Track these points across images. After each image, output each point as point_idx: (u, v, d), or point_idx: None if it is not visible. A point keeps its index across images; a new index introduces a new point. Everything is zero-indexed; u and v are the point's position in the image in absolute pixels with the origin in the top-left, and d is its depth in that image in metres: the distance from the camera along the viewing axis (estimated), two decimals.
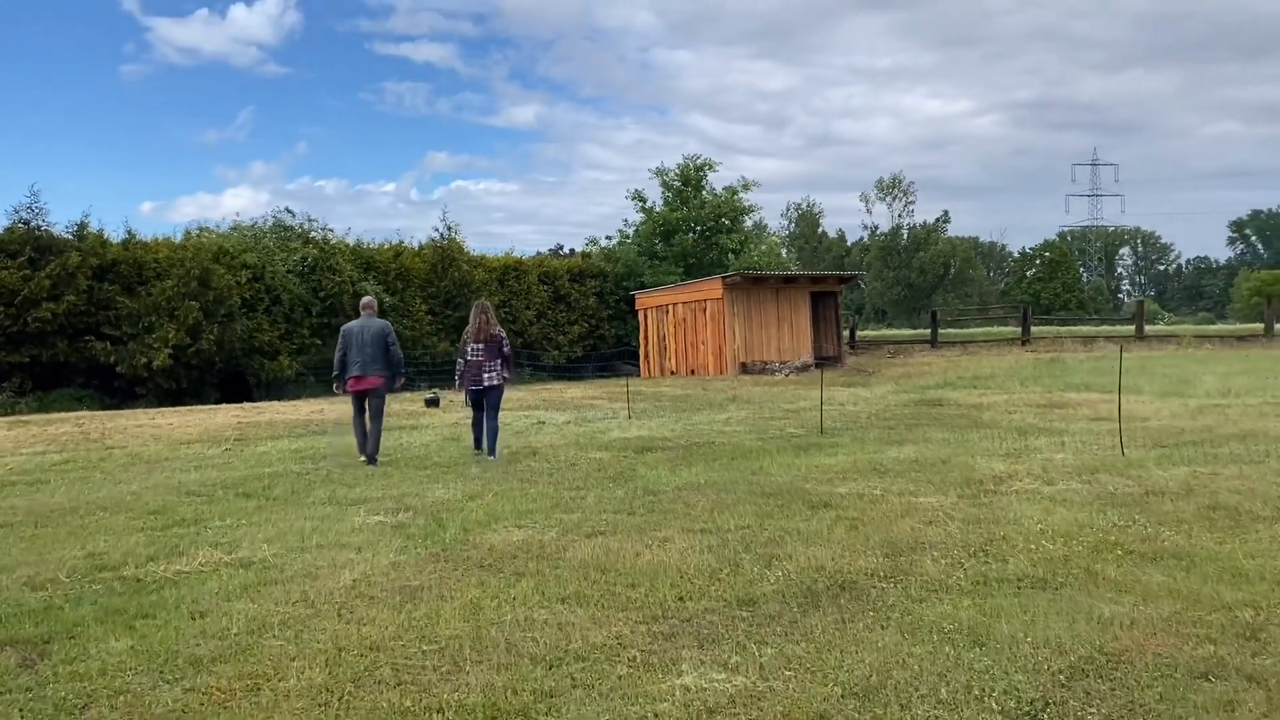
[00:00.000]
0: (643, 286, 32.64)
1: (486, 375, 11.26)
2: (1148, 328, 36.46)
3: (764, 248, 36.44)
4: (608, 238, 38.48)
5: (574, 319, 34.60)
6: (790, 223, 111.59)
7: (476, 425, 11.71)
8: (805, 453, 11.04)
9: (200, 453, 12.35)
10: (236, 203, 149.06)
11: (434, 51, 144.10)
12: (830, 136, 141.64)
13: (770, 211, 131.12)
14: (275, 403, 20.75)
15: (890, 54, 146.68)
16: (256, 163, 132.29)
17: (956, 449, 11.03)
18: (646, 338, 29.82)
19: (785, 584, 5.63)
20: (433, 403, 18.43)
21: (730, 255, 34.66)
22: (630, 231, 37.33)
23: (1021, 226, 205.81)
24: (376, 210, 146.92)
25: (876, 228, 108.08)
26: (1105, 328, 39.36)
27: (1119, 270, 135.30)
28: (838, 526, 7.07)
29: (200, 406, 20.24)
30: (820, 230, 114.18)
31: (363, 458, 10.91)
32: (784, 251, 41.16)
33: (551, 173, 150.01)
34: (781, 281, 27.39)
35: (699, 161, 36.25)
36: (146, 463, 11.48)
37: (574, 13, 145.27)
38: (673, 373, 28.19)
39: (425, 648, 4.70)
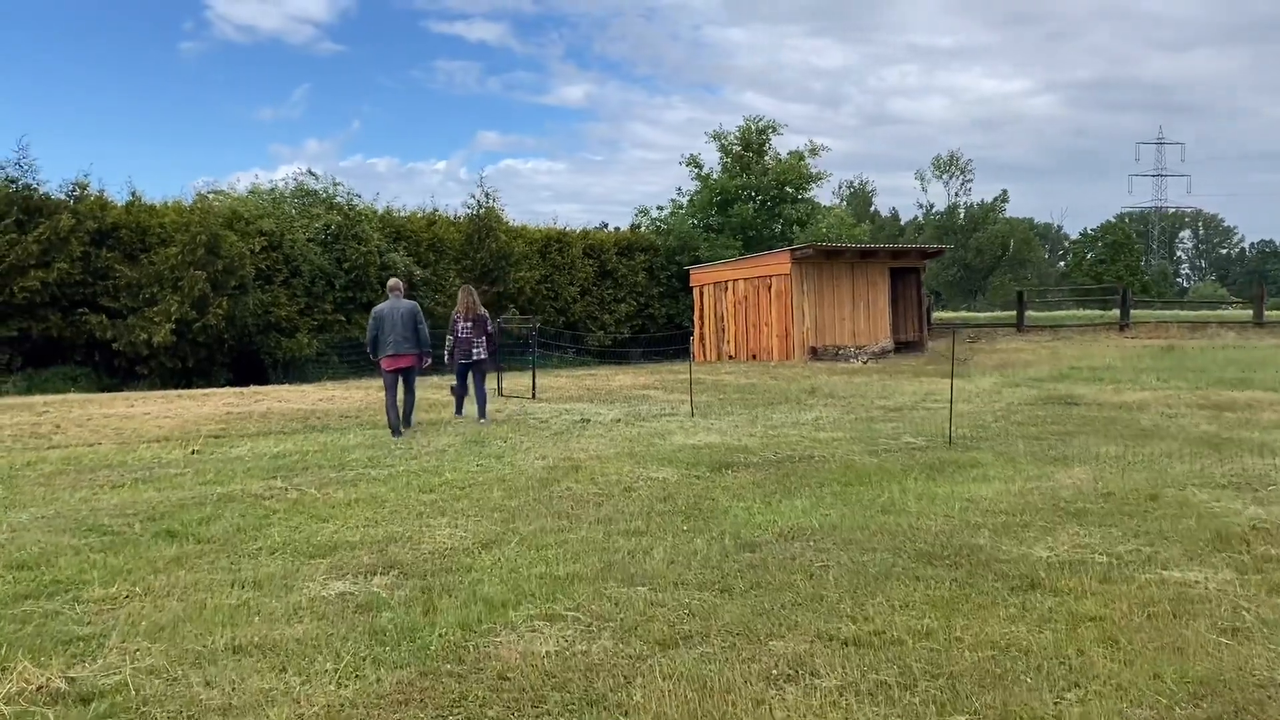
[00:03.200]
0: (697, 261, 29.73)
1: (476, 350, 12.35)
2: (1231, 311, 33.00)
3: (832, 218, 33.13)
4: (659, 208, 35.36)
5: (621, 296, 31.69)
6: (842, 201, 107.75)
7: (460, 395, 12.75)
8: (942, 475, 8.19)
9: (156, 457, 9.75)
10: None
11: (488, 30, 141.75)
12: (885, 115, 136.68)
13: (823, 189, 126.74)
14: (282, 387, 18.21)
15: (951, 32, 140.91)
16: (311, 140, 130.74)
17: (1150, 472, 8.11)
18: (702, 317, 26.94)
19: None
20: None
21: (795, 227, 31.46)
22: (684, 201, 34.22)
23: (1076, 209, 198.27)
24: (426, 189, 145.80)
25: (932, 206, 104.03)
26: (1206, 312, 35.76)
27: (1178, 254, 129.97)
28: (1085, 638, 4.22)
29: (198, 391, 17.76)
30: (873, 209, 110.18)
31: (396, 439, 10.75)
32: (855, 224, 37.60)
33: (600, 151, 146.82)
34: (857, 256, 24.30)
35: (761, 124, 32.89)
36: (79, 471, 8.90)
37: None
38: (731, 357, 25.32)
39: None
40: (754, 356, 24.52)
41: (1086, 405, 13.07)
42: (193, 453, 10.01)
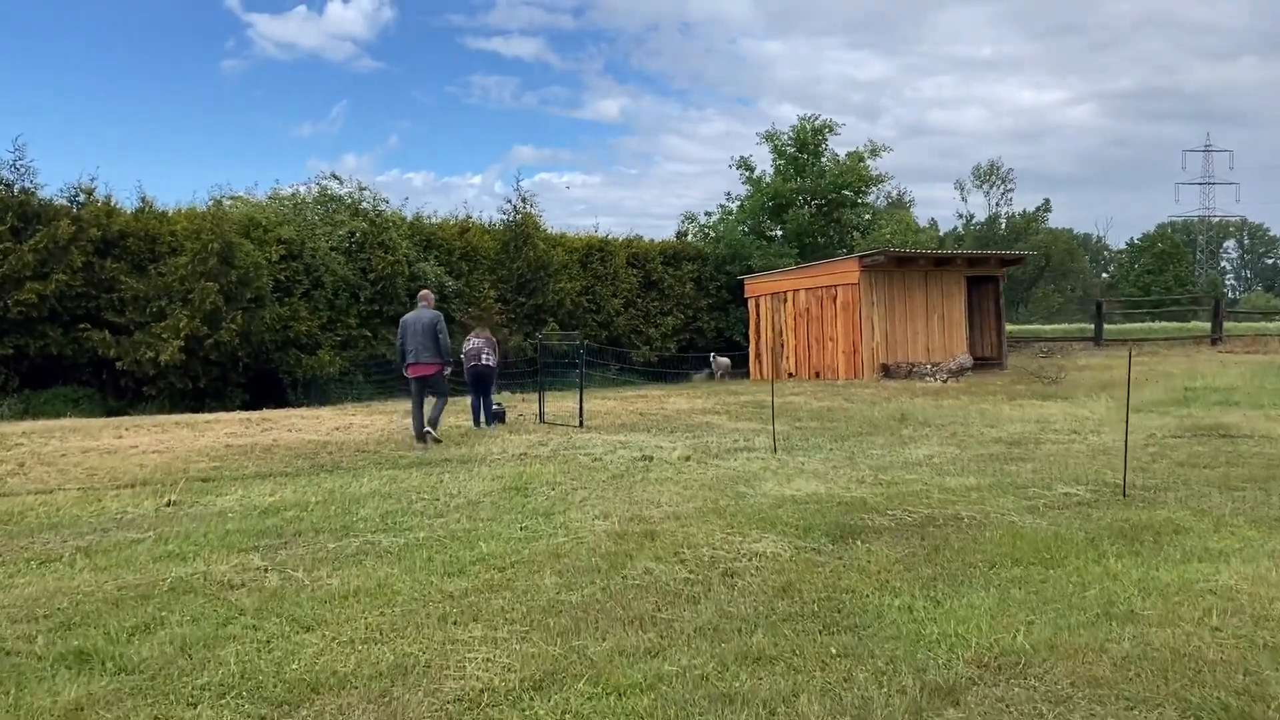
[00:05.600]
0: (748, 270, 27.60)
1: (485, 359, 13.35)
2: None
3: (896, 224, 30.76)
4: (707, 214, 33.18)
5: (668, 309, 29.57)
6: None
7: (476, 407, 13.38)
8: (1144, 547, 6.05)
9: (121, 511, 7.81)
10: None
11: (524, 46, 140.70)
12: (923, 126, 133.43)
13: (880, 193, 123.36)
14: (296, 413, 16.30)
15: (990, 43, 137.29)
16: (349, 155, 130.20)
17: None
18: (759, 331, 24.80)
19: None
20: (497, 417, 13.76)
21: (855, 234, 29.21)
22: (734, 207, 32.01)
23: (1118, 220, 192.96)
24: (462, 202, 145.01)
25: (972, 217, 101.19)
26: None
27: (1223, 263, 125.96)
28: None
29: (202, 416, 15.88)
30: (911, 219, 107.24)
31: (420, 445, 11.39)
32: (921, 229, 35.14)
33: (634, 165, 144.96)
34: (931, 263, 22.06)
35: (817, 122, 30.60)
36: (11, 535, 6.96)
37: (671, 4, 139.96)
38: (791, 375, 23.15)
39: None
40: (817, 374, 22.36)
41: (1251, 439, 10.81)
42: (168, 504, 8.07)
